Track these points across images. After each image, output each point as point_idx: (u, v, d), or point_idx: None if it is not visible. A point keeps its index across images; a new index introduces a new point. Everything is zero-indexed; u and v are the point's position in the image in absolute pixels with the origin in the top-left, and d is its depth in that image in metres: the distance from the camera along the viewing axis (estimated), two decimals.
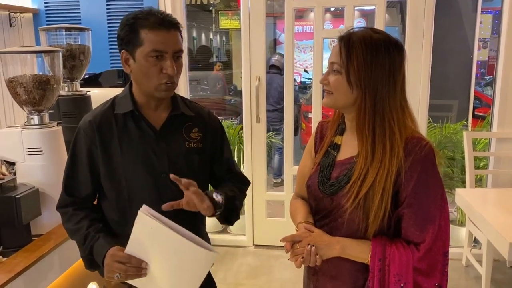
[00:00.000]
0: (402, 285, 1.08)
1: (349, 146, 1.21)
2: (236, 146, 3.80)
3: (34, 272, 1.46)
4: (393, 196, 1.10)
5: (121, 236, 1.24)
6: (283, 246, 1.20)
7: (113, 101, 1.33)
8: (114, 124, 1.28)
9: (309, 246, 1.11)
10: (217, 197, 1.26)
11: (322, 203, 1.21)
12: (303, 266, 1.17)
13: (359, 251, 1.12)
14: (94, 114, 1.31)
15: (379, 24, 2.97)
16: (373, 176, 1.09)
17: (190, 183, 1.20)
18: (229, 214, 1.34)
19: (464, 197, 2.69)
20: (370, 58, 1.08)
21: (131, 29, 1.21)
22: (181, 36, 1.26)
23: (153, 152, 1.29)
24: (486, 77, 7.21)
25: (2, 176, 1.64)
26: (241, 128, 3.53)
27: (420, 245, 1.09)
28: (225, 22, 8.29)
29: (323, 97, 3.21)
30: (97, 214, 1.34)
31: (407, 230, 1.11)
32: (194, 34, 9.74)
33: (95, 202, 1.39)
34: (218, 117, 1.47)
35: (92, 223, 1.29)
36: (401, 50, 1.12)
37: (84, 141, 1.29)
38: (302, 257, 1.11)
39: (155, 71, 1.21)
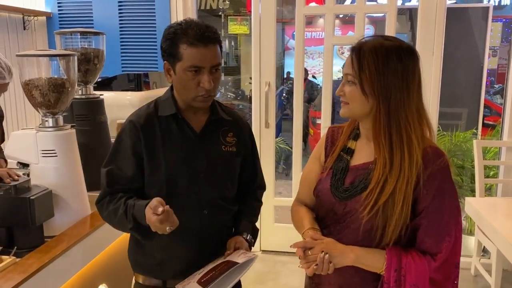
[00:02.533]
0: None
1: (364, 152, 1.20)
2: None
3: (47, 273, 1.47)
4: (411, 206, 1.10)
5: (165, 237, 1.24)
6: (290, 252, 1.19)
7: (156, 103, 1.39)
8: (157, 125, 1.35)
9: (323, 253, 1.11)
10: (248, 237, 1.42)
11: (334, 208, 1.20)
12: (305, 275, 1.17)
13: (373, 260, 1.12)
14: (137, 115, 1.37)
15: (390, 31, 2.98)
16: (393, 184, 1.09)
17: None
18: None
19: (473, 206, 2.68)
20: (382, 66, 1.08)
21: (172, 43, 1.27)
22: (221, 48, 1.31)
23: (193, 153, 1.36)
24: (495, 86, 7.18)
25: (16, 177, 1.66)
26: None
27: (436, 256, 1.09)
28: (234, 28, 8.34)
29: (332, 104, 3.22)
30: (133, 195, 1.34)
31: (423, 240, 1.11)
32: None
33: None
34: None
35: (127, 199, 1.31)
36: (413, 56, 1.12)
37: (129, 137, 1.34)
38: (316, 264, 1.10)
39: (192, 85, 1.27)
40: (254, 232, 1.47)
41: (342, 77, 1.18)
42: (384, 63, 1.08)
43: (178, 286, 1.27)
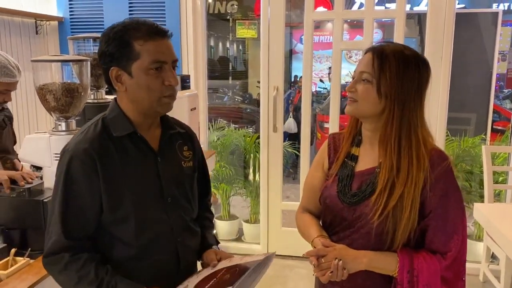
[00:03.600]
0: None
1: (367, 157, 1.22)
2: (252, 155, 3.83)
3: None
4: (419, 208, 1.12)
5: (136, 273, 1.16)
6: (298, 256, 1.22)
7: (103, 123, 1.17)
8: (113, 149, 1.14)
9: (336, 260, 1.12)
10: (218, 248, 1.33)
11: (342, 214, 1.21)
12: (314, 281, 1.18)
13: (386, 263, 1.14)
14: (88, 140, 1.13)
15: (399, 36, 2.98)
16: (401, 188, 1.11)
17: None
18: None
19: (482, 212, 2.66)
20: (402, 71, 1.12)
21: (122, 43, 1.11)
22: None
23: (157, 175, 1.19)
24: (504, 90, 7.14)
25: (30, 180, 1.69)
26: (258, 137, 3.56)
27: (446, 254, 1.12)
28: (242, 31, 8.38)
29: (340, 108, 3.21)
30: (99, 254, 1.16)
31: (432, 240, 1.13)
32: (212, 43, 9.86)
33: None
34: (234, 125, 1.48)
35: (99, 266, 1.12)
36: (428, 67, 1.16)
37: (82, 172, 1.11)
38: (331, 272, 1.11)
39: (157, 84, 1.11)
40: (218, 244, 1.36)
41: (353, 75, 1.19)
42: (405, 69, 1.12)
43: None
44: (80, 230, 1.14)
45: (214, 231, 1.46)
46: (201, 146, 1.43)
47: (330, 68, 6.28)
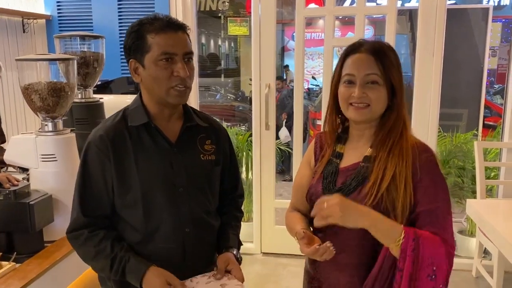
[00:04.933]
0: (434, 268, 1.07)
1: (353, 154, 1.22)
2: (244, 153, 3.80)
3: (47, 279, 1.47)
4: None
5: (144, 257, 1.21)
6: (291, 254, 1.22)
7: (124, 113, 1.26)
8: (128, 137, 1.22)
9: (338, 208, 1.06)
10: (238, 254, 1.33)
11: None
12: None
13: (390, 227, 1.08)
14: (105, 128, 1.23)
15: (390, 32, 2.97)
16: (393, 169, 1.12)
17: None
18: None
19: (474, 208, 2.67)
20: (398, 63, 1.16)
21: (137, 36, 1.17)
22: (189, 39, 1.22)
23: (170, 165, 1.24)
24: (495, 86, 7.17)
25: (16, 182, 1.65)
26: (250, 135, 3.54)
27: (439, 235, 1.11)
28: (234, 29, 8.34)
29: None
30: (115, 232, 1.26)
31: (424, 227, 1.11)
32: (203, 41, 9.80)
33: None
34: (227, 124, 1.48)
35: (114, 243, 1.21)
36: None
37: (97, 157, 1.21)
38: (318, 245, 1.09)
39: (165, 75, 1.16)
40: (239, 247, 1.38)
41: (346, 79, 1.17)
42: (398, 60, 1.16)
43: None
44: (97, 209, 1.23)
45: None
46: None
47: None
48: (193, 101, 3.31)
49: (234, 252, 1.32)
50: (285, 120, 5.60)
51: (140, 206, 1.21)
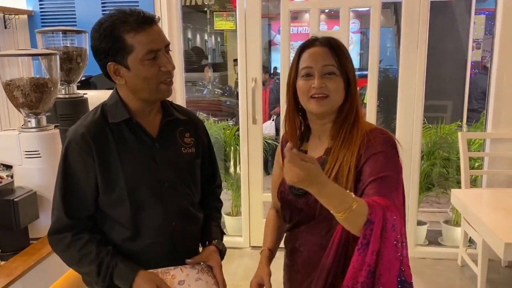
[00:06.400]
0: (399, 236, 1.04)
1: (315, 149, 1.25)
2: (232, 147, 3.80)
3: (33, 276, 1.46)
4: (357, 175, 1.14)
5: (134, 254, 1.22)
6: (279, 248, 1.30)
7: (103, 109, 1.23)
8: (110, 134, 1.20)
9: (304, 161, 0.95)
10: (220, 245, 1.34)
11: (296, 206, 1.22)
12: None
13: (342, 191, 1.00)
14: (86, 126, 1.20)
15: (375, 25, 2.99)
16: (341, 159, 1.15)
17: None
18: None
19: (459, 198, 2.71)
20: (349, 56, 1.20)
21: (114, 38, 1.13)
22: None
23: (153, 161, 1.23)
24: None
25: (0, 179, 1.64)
26: (237, 129, 3.53)
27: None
28: (220, 23, 8.28)
29: None
30: (100, 234, 1.24)
31: (372, 195, 1.06)
32: (189, 36, 9.74)
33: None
34: (214, 118, 1.48)
35: (100, 247, 1.19)
36: None
37: (79, 156, 1.18)
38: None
39: (154, 72, 1.15)
40: (222, 238, 1.39)
41: (305, 72, 1.18)
42: (349, 53, 1.21)
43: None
44: (80, 210, 1.21)
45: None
46: None
47: None
48: (179, 96, 3.29)
49: (217, 244, 1.33)
50: (274, 115, 5.60)
51: (126, 203, 1.20)
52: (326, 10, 7.18)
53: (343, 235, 1.10)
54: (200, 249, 1.35)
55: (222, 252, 1.33)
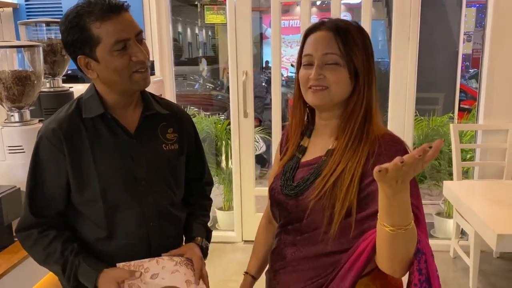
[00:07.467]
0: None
1: (316, 148, 1.14)
2: (223, 141, 3.77)
3: (17, 274, 1.42)
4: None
5: (108, 254, 1.17)
6: None
7: (78, 103, 1.17)
8: (83, 130, 1.14)
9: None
10: (202, 242, 1.28)
11: (286, 207, 1.12)
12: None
13: (409, 205, 0.87)
14: (58, 120, 1.14)
15: (366, 17, 2.96)
16: (345, 164, 1.03)
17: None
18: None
19: (451, 189, 2.71)
20: (364, 43, 1.05)
21: (80, 30, 1.06)
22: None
23: (130, 158, 1.17)
24: (470, 70, 7.29)
25: None
26: (229, 123, 3.50)
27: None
28: (211, 17, 8.22)
29: None
30: (68, 232, 1.18)
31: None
32: (180, 29, 9.65)
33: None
34: (205, 113, 1.44)
35: (65, 245, 1.14)
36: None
37: (49, 152, 1.13)
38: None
39: (124, 63, 1.08)
40: (208, 235, 1.33)
41: (305, 60, 1.07)
42: (365, 41, 1.05)
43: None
44: (48, 207, 1.16)
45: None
46: None
47: None
48: (169, 90, 3.25)
49: (198, 241, 1.27)
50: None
51: (100, 202, 1.15)
52: (318, 3, 7.14)
53: (369, 258, 0.95)
54: None
55: (203, 248, 1.27)
